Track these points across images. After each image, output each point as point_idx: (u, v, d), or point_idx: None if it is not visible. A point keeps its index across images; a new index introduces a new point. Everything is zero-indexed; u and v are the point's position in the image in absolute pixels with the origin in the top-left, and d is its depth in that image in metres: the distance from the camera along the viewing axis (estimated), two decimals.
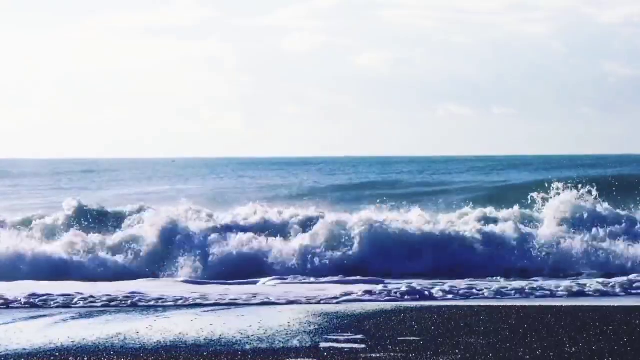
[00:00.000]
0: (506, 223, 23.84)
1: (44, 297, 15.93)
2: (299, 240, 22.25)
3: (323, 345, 11.10)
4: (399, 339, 11.47)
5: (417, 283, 17.74)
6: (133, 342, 11.43)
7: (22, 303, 15.57)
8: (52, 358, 10.43)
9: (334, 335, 11.75)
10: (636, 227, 24.15)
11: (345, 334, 11.85)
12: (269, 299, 16.10)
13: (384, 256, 22.09)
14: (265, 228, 23.59)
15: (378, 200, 26.07)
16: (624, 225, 24.11)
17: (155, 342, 11.37)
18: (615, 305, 14.90)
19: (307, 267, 21.25)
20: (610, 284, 17.87)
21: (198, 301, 15.79)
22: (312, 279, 19.66)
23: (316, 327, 12.50)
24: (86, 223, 24.59)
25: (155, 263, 21.32)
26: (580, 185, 25.50)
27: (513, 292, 16.98)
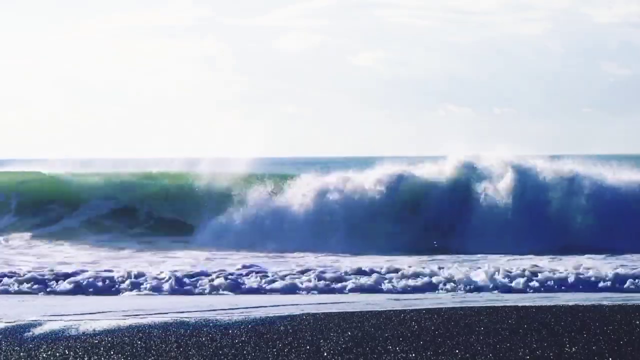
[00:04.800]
0: None
1: None
2: None
3: (322, 344, 11.10)
4: (399, 339, 11.47)
5: None
6: None
7: None
8: None
9: (334, 335, 11.74)
10: None
11: (345, 334, 11.84)
12: None
13: None
14: None
15: None
16: None
17: None
18: (615, 305, 14.89)
19: None
20: None
21: None
22: None
23: (316, 326, 12.50)
24: None
25: None
26: None
27: None
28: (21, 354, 10.72)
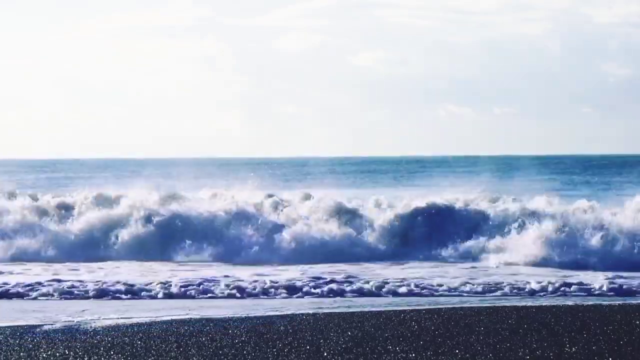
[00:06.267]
0: None
1: None
2: None
3: (322, 344, 11.09)
4: (399, 339, 11.46)
5: None
6: None
7: None
8: None
9: (334, 335, 11.74)
10: None
11: (345, 334, 11.84)
12: None
13: None
14: None
15: None
16: None
17: None
18: (615, 305, 14.90)
19: None
20: None
21: None
22: None
23: (316, 326, 12.50)
24: None
25: None
26: None
27: None
28: (21, 354, 10.72)
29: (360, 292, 17.09)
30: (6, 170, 75.06)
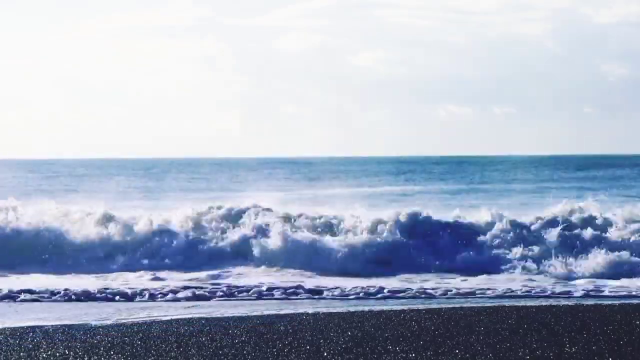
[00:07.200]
0: None
1: None
2: None
3: (322, 344, 11.09)
4: (399, 339, 11.47)
5: None
6: None
7: None
8: None
9: (334, 335, 11.74)
10: None
11: (345, 334, 11.84)
12: None
13: None
14: None
15: None
16: None
17: None
18: (615, 305, 14.90)
19: None
20: None
21: None
22: None
23: (316, 326, 12.50)
24: None
25: None
26: None
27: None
28: (21, 354, 10.72)
29: None
30: None
